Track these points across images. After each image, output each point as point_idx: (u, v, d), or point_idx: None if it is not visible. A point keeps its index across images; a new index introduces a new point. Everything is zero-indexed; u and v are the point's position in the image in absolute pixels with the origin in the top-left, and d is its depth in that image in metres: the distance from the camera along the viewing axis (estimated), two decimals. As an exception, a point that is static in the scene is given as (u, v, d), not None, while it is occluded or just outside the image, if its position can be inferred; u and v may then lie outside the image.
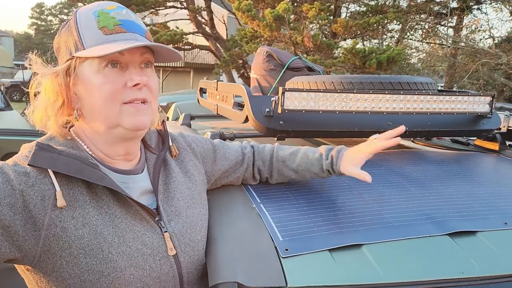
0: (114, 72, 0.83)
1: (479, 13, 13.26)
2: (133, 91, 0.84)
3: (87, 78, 0.83)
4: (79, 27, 0.84)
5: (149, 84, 0.86)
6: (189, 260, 0.93)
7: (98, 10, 0.85)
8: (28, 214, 0.77)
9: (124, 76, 0.83)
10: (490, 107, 1.52)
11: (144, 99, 0.85)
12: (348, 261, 0.87)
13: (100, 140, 0.89)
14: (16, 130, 4.13)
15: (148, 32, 0.89)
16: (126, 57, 0.83)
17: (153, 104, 0.89)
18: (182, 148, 1.07)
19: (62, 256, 0.79)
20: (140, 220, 0.88)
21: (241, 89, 1.45)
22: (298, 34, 7.78)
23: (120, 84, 0.83)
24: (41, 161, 0.80)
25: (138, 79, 0.83)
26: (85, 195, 0.83)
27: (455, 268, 0.87)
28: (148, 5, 11.07)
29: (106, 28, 0.82)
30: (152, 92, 0.88)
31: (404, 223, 0.99)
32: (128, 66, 0.84)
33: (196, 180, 1.04)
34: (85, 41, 0.83)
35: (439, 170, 1.36)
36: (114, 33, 0.82)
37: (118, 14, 0.84)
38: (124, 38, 0.83)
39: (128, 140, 0.89)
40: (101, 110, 0.84)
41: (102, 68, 0.82)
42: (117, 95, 0.83)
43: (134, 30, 0.85)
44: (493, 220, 1.03)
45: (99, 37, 0.82)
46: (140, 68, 0.86)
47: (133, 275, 0.83)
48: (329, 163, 1.09)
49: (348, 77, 1.57)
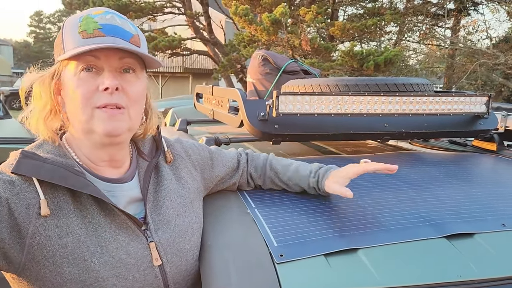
0: (89, 76, 0.81)
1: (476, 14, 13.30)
2: (105, 96, 0.81)
3: (67, 82, 0.83)
4: (64, 33, 0.84)
5: (126, 89, 0.83)
6: (176, 270, 0.91)
7: (85, 15, 0.84)
8: (13, 222, 0.77)
9: (98, 80, 0.82)
10: (486, 107, 1.51)
11: (117, 105, 0.82)
12: (344, 265, 0.86)
13: (83, 145, 0.88)
14: (15, 138, 4.12)
15: (137, 36, 0.86)
16: (102, 61, 0.81)
17: (132, 110, 0.85)
18: (178, 154, 1.05)
19: (45, 265, 0.79)
20: (126, 230, 0.87)
21: (235, 93, 1.44)
22: (295, 38, 7.79)
23: (93, 88, 0.81)
24: (25, 169, 0.79)
25: (108, 83, 0.80)
26: (69, 204, 0.83)
27: (453, 271, 0.86)
28: (145, 11, 11.11)
29: (85, 32, 0.81)
30: (130, 97, 0.84)
31: (401, 226, 0.98)
32: (104, 70, 0.82)
33: (189, 187, 1.02)
34: (66, 45, 0.83)
35: (437, 171, 1.35)
36: (92, 37, 0.81)
37: (102, 19, 0.83)
38: (101, 42, 0.80)
39: (108, 146, 0.87)
40: (75, 115, 0.83)
41: (78, 72, 0.81)
42: (89, 99, 0.81)
43: (114, 34, 0.82)
44: (491, 221, 1.02)
45: (78, 40, 0.81)
46: (119, 73, 0.83)
47: (115, 285, 0.82)
48: (315, 181, 1.10)
49: (343, 80, 1.56)
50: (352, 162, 1.41)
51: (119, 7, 10.01)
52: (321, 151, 1.71)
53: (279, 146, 1.69)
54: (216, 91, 1.78)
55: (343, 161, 1.43)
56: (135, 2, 11.08)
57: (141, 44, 0.87)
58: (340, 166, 1.37)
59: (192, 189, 1.03)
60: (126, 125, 0.85)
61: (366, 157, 1.51)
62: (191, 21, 11.91)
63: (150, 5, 11.36)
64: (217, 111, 1.75)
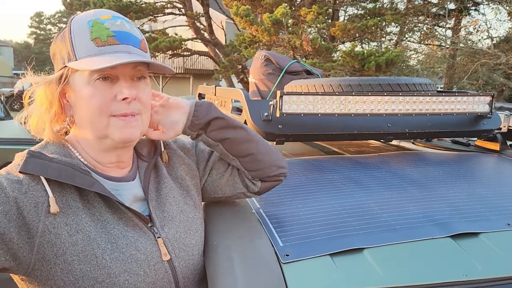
0: (104, 85, 0.82)
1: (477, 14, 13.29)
2: (122, 105, 0.83)
3: (78, 88, 0.84)
4: (73, 37, 0.83)
5: (140, 96, 0.86)
6: (184, 264, 0.92)
7: (93, 19, 0.83)
8: (22, 221, 0.77)
9: (114, 89, 0.83)
10: (490, 107, 1.51)
11: (133, 112, 0.85)
12: (349, 265, 0.86)
13: (92, 148, 0.89)
14: (16, 139, 4.13)
15: (143, 41, 0.88)
16: (118, 70, 0.82)
17: (144, 116, 0.88)
18: (173, 153, 1.05)
19: (56, 263, 0.79)
20: (133, 227, 0.88)
21: (239, 93, 1.45)
22: (296, 38, 7.79)
23: (110, 97, 0.82)
24: (32, 168, 0.80)
25: (127, 93, 0.82)
26: (77, 202, 0.83)
27: (458, 270, 0.86)
28: (146, 12, 11.11)
29: (98, 39, 0.81)
30: (143, 104, 0.87)
31: (406, 226, 0.98)
32: (119, 79, 0.83)
33: (188, 185, 1.03)
34: (77, 52, 0.82)
35: (440, 171, 1.35)
36: (107, 45, 0.81)
37: (112, 25, 0.83)
38: (116, 51, 0.82)
39: (119, 149, 0.90)
40: (89, 121, 0.84)
41: (93, 80, 0.82)
42: (105, 108, 0.82)
43: (127, 42, 0.84)
44: (496, 221, 1.02)
45: (91, 48, 0.81)
46: (132, 81, 0.85)
47: (127, 281, 0.83)
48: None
49: (346, 80, 1.57)
50: (355, 162, 1.42)
51: (120, 7, 10.02)
52: (325, 151, 1.71)
53: (282, 146, 1.69)
54: (219, 92, 1.79)
55: (347, 161, 1.44)
56: (135, 2, 11.09)
57: (147, 48, 0.89)
58: (342, 166, 1.38)
59: (191, 186, 1.03)
60: (140, 131, 0.88)
61: (370, 157, 1.51)
62: (191, 22, 11.92)
63: (150, 6, 11.37)
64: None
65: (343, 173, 1.30)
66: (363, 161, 1.44)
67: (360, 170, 1.33)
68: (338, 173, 1.29)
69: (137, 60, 0.82)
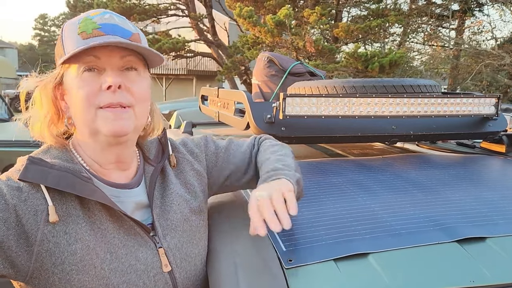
0: (91, 76, 0.80)
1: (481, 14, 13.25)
2: (108, 95, 0.80)
3: (69, 84, 0.82)
4: (63, 36, 0.83)
5: (130, 87, 0.82)
6: (186, 275, 0.90)
7: (83, 17, 0.83)
8: (21, 229, 0.76)
9: (100, 79, 0.80)
10: (495, 108, 1.49)
11: (121, 103, 0.81)
12: (354, 270, 0.84)
13: (90, 148, 0.87)
14: (20, 141, 4.13)
15: (136, 35, 0.84)
16: (104, 61, 0.80)
17: (137, 108, 0.84)
18: (183, 157, 1.02)
19: (54, 273, 0.77)
20: (134, 236, 0.86)
21: (242, 95, 1.43)
22: (299, 39, 7.79)
23: (95, 87, 0.80)
24: (32, 175, 0.78)
25: (110, 81, 0.79)
26: (78, 210, 0.81)
27: (465, 276, 0.84)
28: (149, 13, 11.16)
29: (84, 32, 0.80)
30: (134, 96, 0.83)
31: (411, 230, 0.96)
32: (106, 70, 0.81)
33: (196, 191, 1.00)
34: (65, 48, 0.81)
35: (446, 174, 1.33)
36: (92, 37, 0.79)
37: (100, 19, 0.82)
38: (101, 41, 0.79)
39: (114, 146, 0.86)
40: (80, 116, 0.82)
41: (80, 73, 0.80)
42: (92, 99, 0.80)
43: (114, 33, 0.81)
44: (504, 225, 1.00)
45: (77, 41, 0.80)
46: (121, 71, 0.82)
47: None
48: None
49: (350, 81, 1.55)
50: (359, 165, 1.41)
51: (123, 9, 10.06)
52: (328, 154, 1.70)
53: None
54: (222, 93, 1.78)
55: (350, 164, 1.42)
56: (139, 4, 11.14)
57: (142, 42, 0.85)
58: (345, 169, 1.36)
59: (198, 192, 1.01)
60: (132, 124, 0.83)
61: (374, 159, 1.50)
62: (195, 23, 11.94)
63: (154, 7, 11.41)
64: (222, 113, 1.74)
65: (346, 175, 1.28)
66: (367, 164, 1.42)
67: (364, 172, 1.31)
68: (342, 176, 1.27)
69: (112, 41, 0.78)
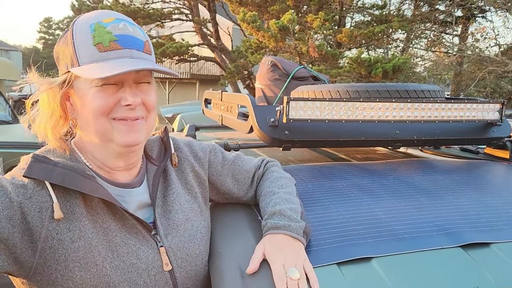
0: (108, 89, 0.81)
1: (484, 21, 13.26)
2: (126, 110, 0.82)
3: (82, 92, 0.82)
4: (75, 41, 0.82)
5: (144, 100, 0.85)
6: (186, 275, 0.91)
7: (95, 22, 0.82)
8: (26, 226, 0.76)
9: (118, 93, 0.82)
10: (500, 114, 1.49)
11: (137, 117, 0.84)
12: (357, 275, 0.84)
13: (97, 151, 0.88)
14: (23, 143, 4.14)
15: (147, 43, 0.86)
16: (121, 76, 0.81)
17: (149, 119, 0.88)
18: (185, 158, 1.03)
19: (57, 269, 0.78)
20: (136, 234, 0.87)
21: (245, 99, 1.43)
22: (303, 44, 7.80)
23: (114, 102, 0.82)
24: (36, 172, 0.79)
25: (131, 100, 0.81)
26: (82, 208, 0.82)
27: (469, 282, 0.83)
28: (154, 17, 11.22)
29: (101, 44, 0.80)
30: (148, 107, 0.86)
31: (415, 235, 0.96)
32: (123, 84, 0.82)
33: (196, 192, 1.01)
34: (80, 57, 0.81)
35: (449, 179, 1.32)
36: (109, 50, 0.80)
37: (115, 28, 0.82)
38: (119, 56, 0.80)
39: (126, 154, 0.88)
40: (93, 125, 0.83)
41: (99, 85, 0.80)
42: (107, 111, 0.81)
43: (130, 46, 0.82)
44: (508, 231, 0.99)
45: (94, 54, 0.80)
46: (136, 84, 0.84)
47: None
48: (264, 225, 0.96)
49: (354, 86, 1.55)
50: (363, 169, 1.40)
51: (128, 13, 10.11)
52: (331, 158, 1.69)
53: (289, 153, 1.67)
54: (226, 97, 1.78)
55: (354, 168, 1.42)
56: (143, 8, 11.21)
57: (151, 50, 0.88)
58: (349, 173, 1.35)
59: (199, 193, 1.02)
60: (144, 134, 0.87)
61: (377, 164, 1.49)
62: (198, 28, 12.00)
63: (158, 11, 11.48)
64: (226, 116, 1.74)
65: (350, 180, 1.28)
66: (370, 168, 1.42)
67: (368, 177, 1.31)
68: (345, 180, 1.27)
69: (140, 68, 0.80)
